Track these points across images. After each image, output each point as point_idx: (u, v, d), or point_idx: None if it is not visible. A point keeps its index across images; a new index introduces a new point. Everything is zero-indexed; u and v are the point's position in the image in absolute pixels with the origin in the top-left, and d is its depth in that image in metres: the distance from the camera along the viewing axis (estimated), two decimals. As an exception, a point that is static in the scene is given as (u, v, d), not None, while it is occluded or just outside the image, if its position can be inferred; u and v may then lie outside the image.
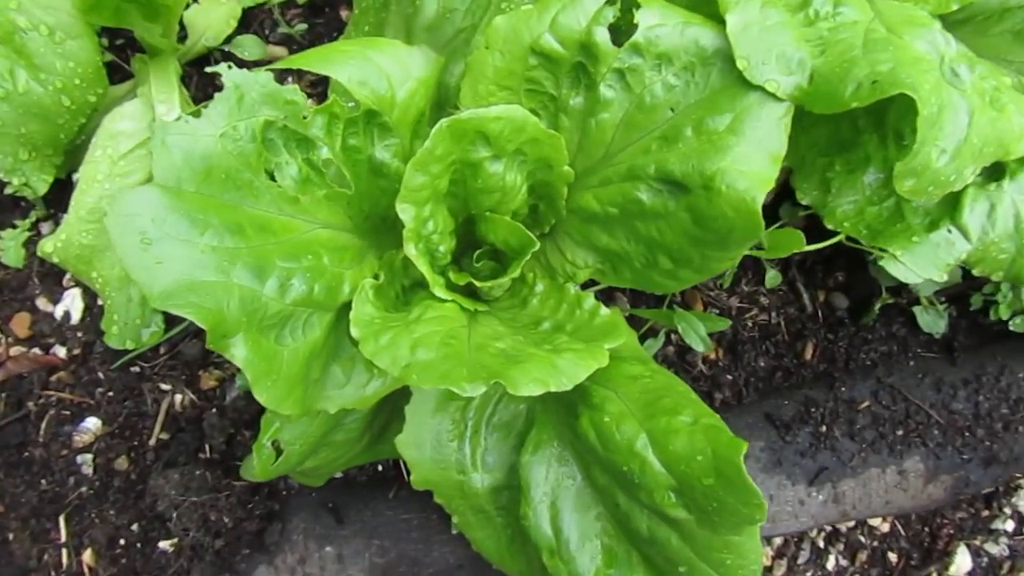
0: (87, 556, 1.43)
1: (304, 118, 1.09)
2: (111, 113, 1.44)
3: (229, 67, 1.04)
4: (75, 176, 1.47)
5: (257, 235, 1.05)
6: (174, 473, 1.42)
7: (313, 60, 1.11)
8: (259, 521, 1.45)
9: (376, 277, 1.20)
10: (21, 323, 1.56)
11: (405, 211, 1.13)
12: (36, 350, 1.56)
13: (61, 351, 1.56)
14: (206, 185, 1.02)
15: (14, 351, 1.57)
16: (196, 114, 1.01)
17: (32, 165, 1.45)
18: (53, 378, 1.56)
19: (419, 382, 1.04)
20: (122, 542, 1.45)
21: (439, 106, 1.33)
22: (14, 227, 1.54)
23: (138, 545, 1.45)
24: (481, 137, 1.12)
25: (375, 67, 1.13)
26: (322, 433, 1.28)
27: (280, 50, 1.69)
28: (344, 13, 1.75)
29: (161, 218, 0.97)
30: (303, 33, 1.68)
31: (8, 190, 1.45)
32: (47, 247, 1.47)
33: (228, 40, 1.60)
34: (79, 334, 1.56)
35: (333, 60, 1.11)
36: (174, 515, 1.40)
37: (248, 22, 1.67)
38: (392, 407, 1.40)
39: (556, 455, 1.28)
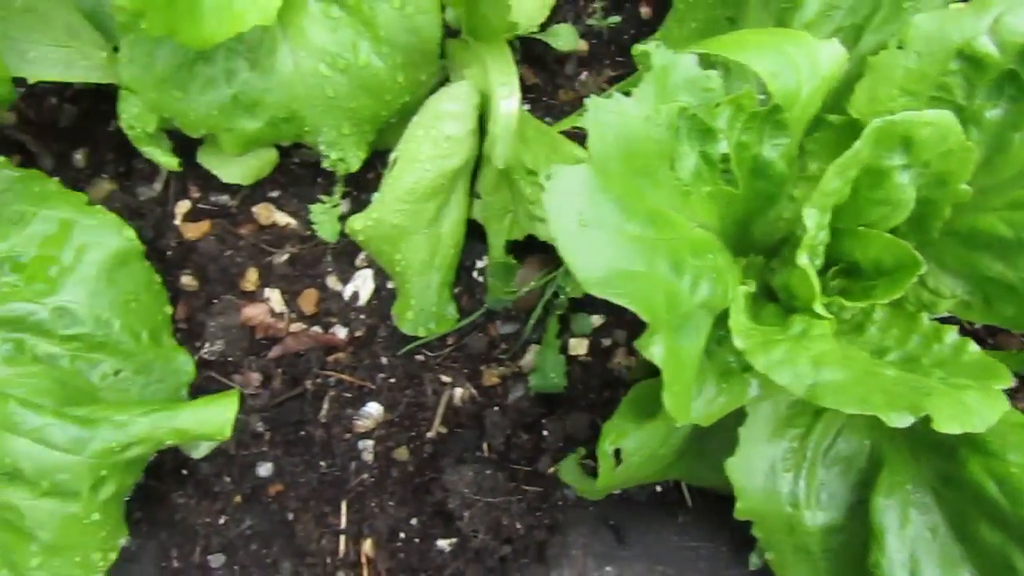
0: (367, 546, 1.38)
1: (717, 106, 1.02)
2: (437, 93, 1.41)
3: (657, 46, 0.98)
4: (391, 155, 1.44)
5: (663, 227, 0.98)
6: (468, 471, 1.36)
7: (728, 46, 1.04)
8: (545, 531, 1.38)
9: (744, 285, 1.12)
10: (309, 300, 1.54)
11: (811, 216, 1.04)
12: (317, 328, 1.54)
13: (342, 332, 1.53)
14: (627, 169, 0.95)
15: (294, 327, 1.54)
16: (626, 93, 0.95)
17: (351, 140, 1.43)
18: (330, 358, 1.52)
19: (835, 404, 0.94)
20: (402, 536, 1.39)
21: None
22: (320, 202, 1.52)
23: (416, 540, 1.40)
24: (903, 143, 1.03)
25: (788, 60, 1.05)
26: (657, 445, 1.20)
27: (581, 43, 1.64)
28: (644, 9, 1.69)
29: (594, 200, 0.90)
30: (610, 26, 1.63)
31: (324, 164, 1.43)
32: (356, 224, 1.44)
33: (542, 28, 1.56)
34: (363, 316, 1.53)
35: (748, 48, 1.04)
36: (465, 515, 1.34)
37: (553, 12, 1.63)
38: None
39: (914, 501, 1.16)
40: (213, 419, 1.23)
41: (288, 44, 1.34)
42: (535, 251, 1.51)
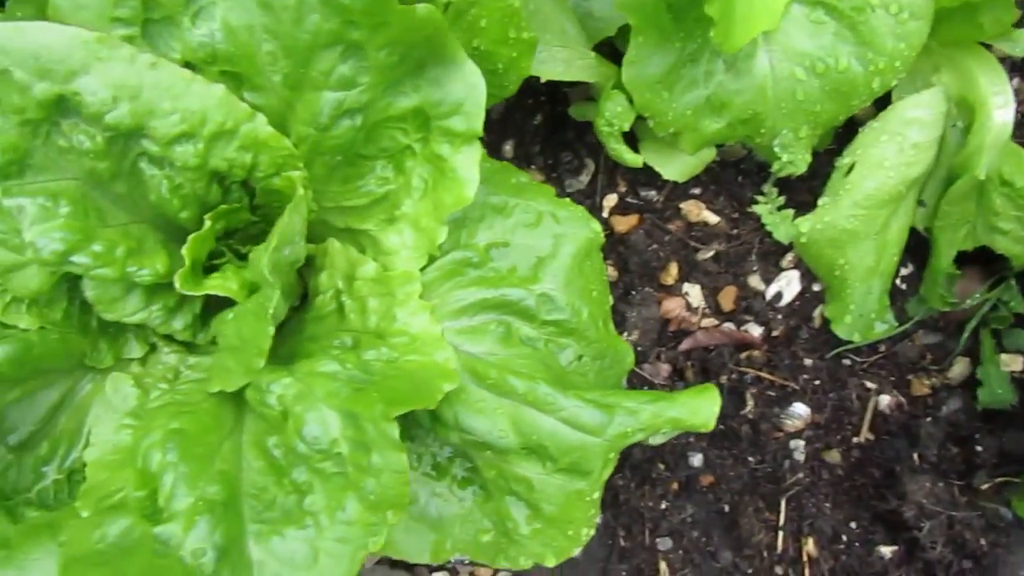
0: (809, 545, 1.41)
1: None
2: (905, 100, 1.40)
3: None
4: (841, 159, 1.45)
5: None
6: (925, 480, 1.36)
7: None
8: (1002, 550, 1.36)
9: None
10: (728, 297, 1.57)
11: None
12: (730, 325, 1.57)
13: (756, 330, 1.55)
14: None
15: (706, 322, 1.58)
16: None
17: (803, 143, 1.44)
18: (743, 355, 1.55)
19: None
20: (844, 538, 1.41)
21: None
22: (754, 202, 1.55)
23: (856, 544, 1.41)
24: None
25: None
26: None
27: None
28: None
29: None
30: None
31: (775, 166, 1.45)
32: (803, 226, 1.45)
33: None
34: (782, 317, 1.55)
35: None
36: (924, 525, 1.34)
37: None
38: None
39: None
40: (703, 410, 1.27)
41: (767, 47, 1.36)
42: (974, 263, 1.48)
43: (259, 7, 1.11)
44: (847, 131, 1.50)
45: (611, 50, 1.48)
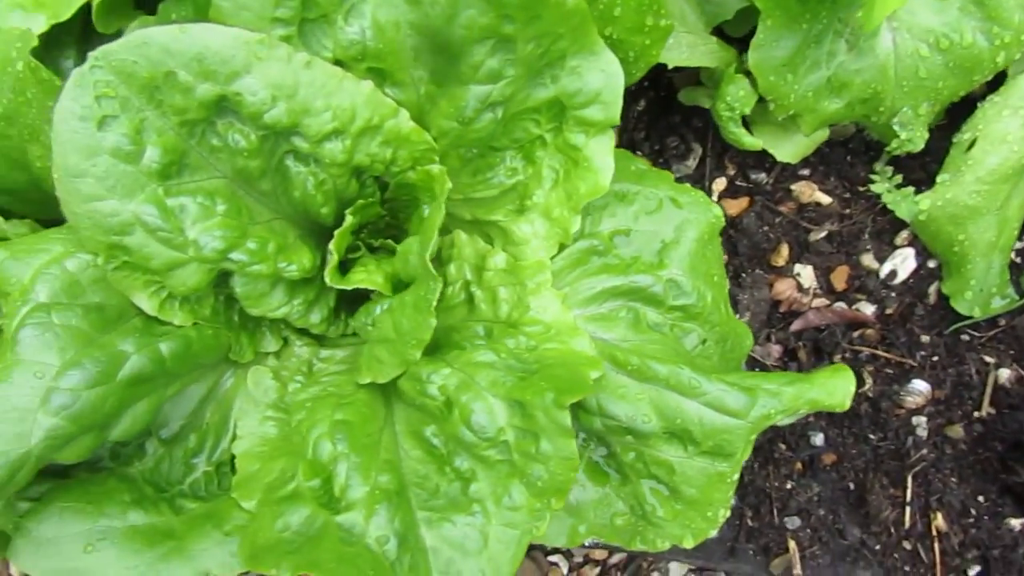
0: (938, 520, 1.42)
1: None
2: (1027, 73, 1.40)
3: None
4: (960, 135, 1.44)
5: None
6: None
7: None
8: None
9: None
10: (840, 277, 1.57)
11: None
12: (841, 304, 1.57)
13: (869, 308, 1.56)
14: None
15: (817, 303, 1.59)
16: None
17: (922, 121, 1.44)
18: (856, 334, 1.56)
19: None
20: (972, 511, 1.42)
21: None
22: (869, 181, 1.55)
23: (985, 518, 1.42)
24: None
25: None
26: None
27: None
28: None
29: None
30: None
31: (891, 145, 1.45)
32: (923, 203, 1.46)
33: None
34: (896, 294, 1.55)
35: None
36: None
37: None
38: None
39: None
40: (839, 391, 1.28)
41: (891, 26, 1.36)
42: (1093, 235, 1.48)
43: (407, 3, 1.13)
44: (958, 107, 1.50)
45: (720, 34, 1.48)
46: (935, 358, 1.51)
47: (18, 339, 1.03)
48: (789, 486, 1.46)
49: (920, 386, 1.50)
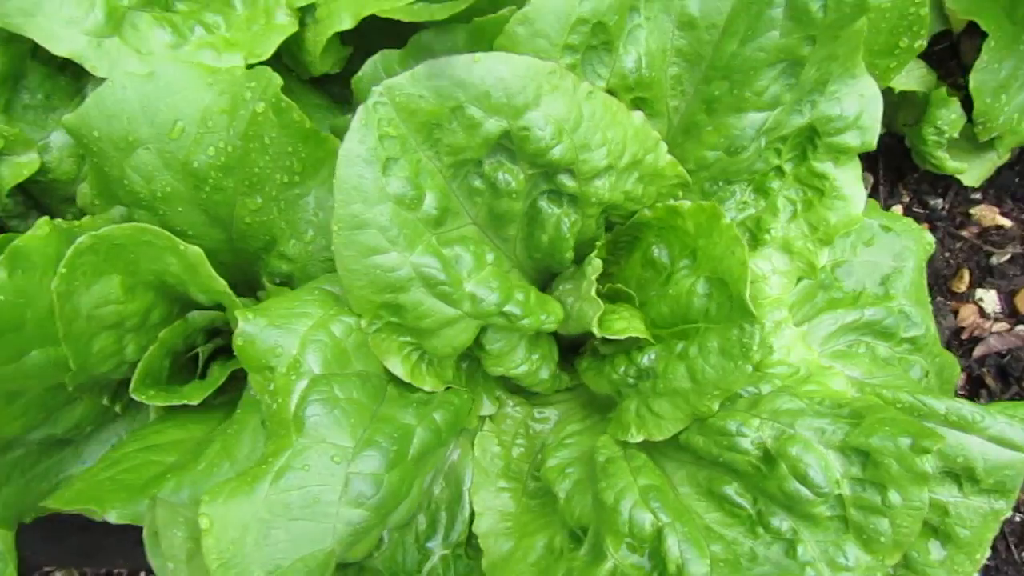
0: None
1: None
2: None
3: None
4: None
5: None
6: None
7: None
8: None
9: None
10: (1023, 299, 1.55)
11: None
12: (1022, 327, 1.55)
13: (1051, 331, 1.54)
14: None
15: (997, 327, 1.56)
16: None
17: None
18: (1038, 358, 1.53)
19: None
20: None
21: None
22: (1052, 201, 1.54)
23: None
24: None
25: None
26: None
27: None
28: None
29: None
30: None
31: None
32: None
33: None
34: (1080, 315, 1.53)
35: None
36: None
37: None
38: None
39: None
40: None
41: (1093, 45, 1.35)
42: None
43: (678, 28, 1.05)
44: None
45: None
46: None
47: (305, 418, 0.88)
48: (1018, 519, 1.41)
49: (1124, 406, 1.47)
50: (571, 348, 1.28)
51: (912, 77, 1.34)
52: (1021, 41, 1.30)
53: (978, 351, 1.55)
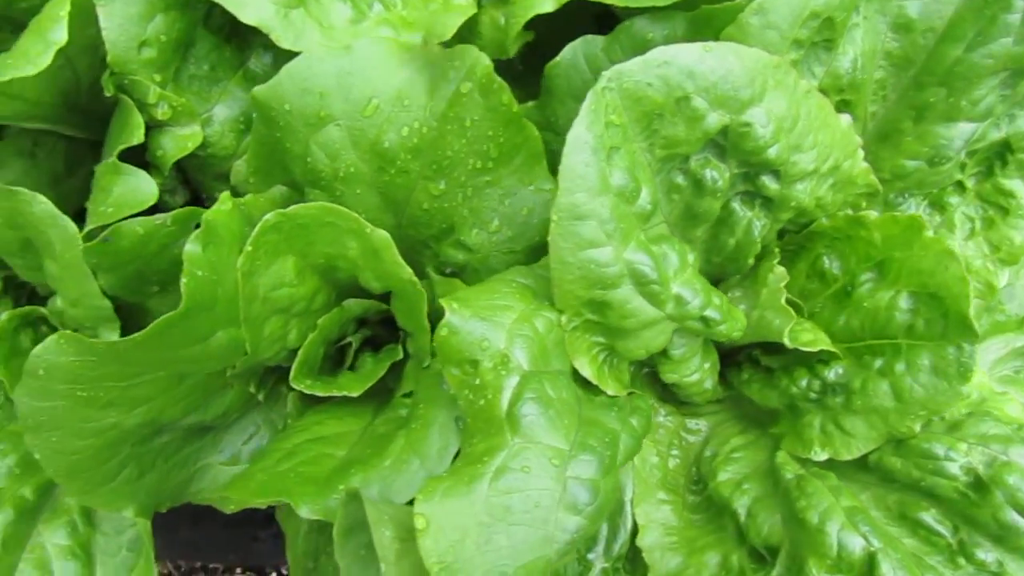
0: None
1: None
2: None
3: None
4: None
5: None
6: None
7: None
8: None
9: None
10: None
11: None
12: None
13: None
14: None
15: None
16: None
17: None
18: None
19: None
20: None
21: None
22: None
23: None
24: None
25: None
26: None
27: None
28: None
29: None
30: None
31: None
32: None
33: None
34: None
35: None
36: None
37: None
38: None
39: None
40: None
41: None
42: None
43: (893, 29, 1.00)
44: None
45: None
46: None
47: (521, 416, 0.83)
48: None
49: None
50: (722, 358, 1.24)
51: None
52: None
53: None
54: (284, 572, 1.56)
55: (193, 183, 1.19)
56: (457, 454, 0.92)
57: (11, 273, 1.21)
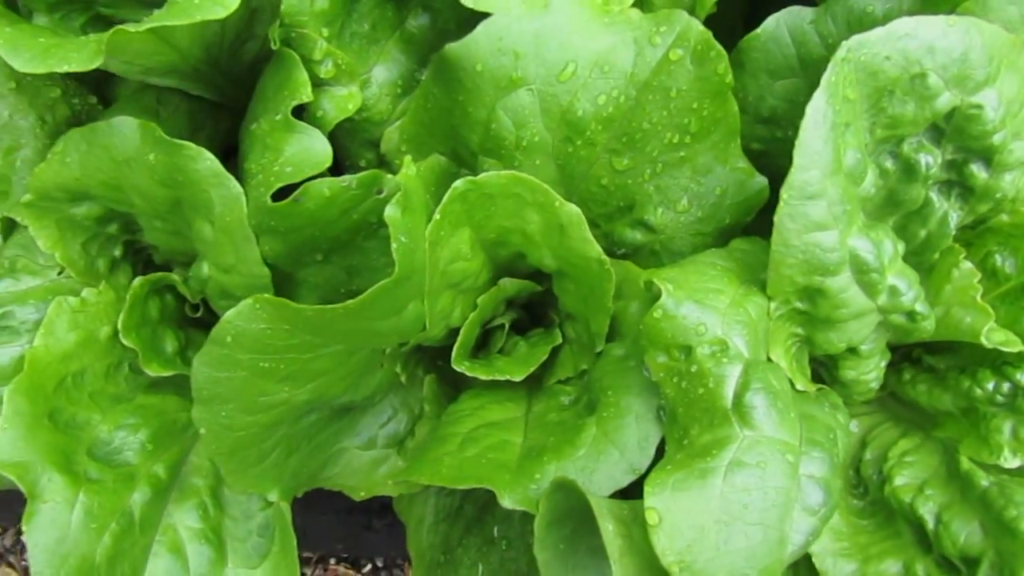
0: None
1: None
2: None
3: None
4: None
5: None
6: None
7: None
8: None
9: None
10: None
11: None
12: None
13: None
14: None
15: None
16: None
17: None
18: None
19: None
20: None
21: None
22: None
23: None
24: None
25: None
26: None
27: None
28: None
29: None
30: None
31: None
32: None
33: None
34: None
35: None
36: None
37: None
38: None
39: None
40: None
41: None
42: None
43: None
44: None
45: None
46: None
47: (750, 408, 0.77)
48: None
49: None
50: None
51: None
52: None
53: None
54: (379, 564, 1.50)
55: (339, 148, 1.12)
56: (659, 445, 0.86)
57: (133, 238, 1.14)
